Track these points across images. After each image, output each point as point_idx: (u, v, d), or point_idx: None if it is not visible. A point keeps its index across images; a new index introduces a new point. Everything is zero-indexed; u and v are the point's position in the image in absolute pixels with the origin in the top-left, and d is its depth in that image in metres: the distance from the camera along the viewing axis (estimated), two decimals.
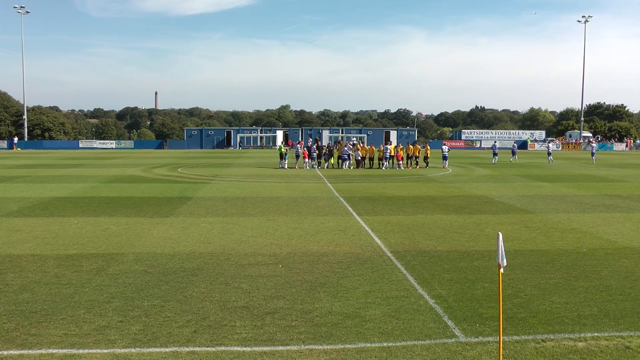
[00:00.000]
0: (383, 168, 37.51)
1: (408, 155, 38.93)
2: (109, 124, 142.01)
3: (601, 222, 16.33)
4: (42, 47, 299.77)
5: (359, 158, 38.01)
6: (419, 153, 40.15)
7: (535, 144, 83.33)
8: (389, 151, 38.03)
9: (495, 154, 45.72)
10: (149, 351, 6.79)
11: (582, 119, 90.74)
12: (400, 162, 37.94)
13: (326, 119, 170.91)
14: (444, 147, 42.44)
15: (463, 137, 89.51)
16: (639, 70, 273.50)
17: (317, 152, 39.40)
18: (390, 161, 38.06)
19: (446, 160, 40.28)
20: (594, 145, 57.24)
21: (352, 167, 37.62)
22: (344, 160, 37.96)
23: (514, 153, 49.70)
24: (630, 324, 7.81)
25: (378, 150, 39.38)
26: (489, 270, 10.56)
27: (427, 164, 40.02)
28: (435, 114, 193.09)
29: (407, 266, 10.94)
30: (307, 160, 38.65)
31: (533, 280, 10.02)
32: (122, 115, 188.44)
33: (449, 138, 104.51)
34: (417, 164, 39.41)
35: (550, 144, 59.07)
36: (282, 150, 39.29)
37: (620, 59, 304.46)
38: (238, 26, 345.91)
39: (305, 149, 39.76)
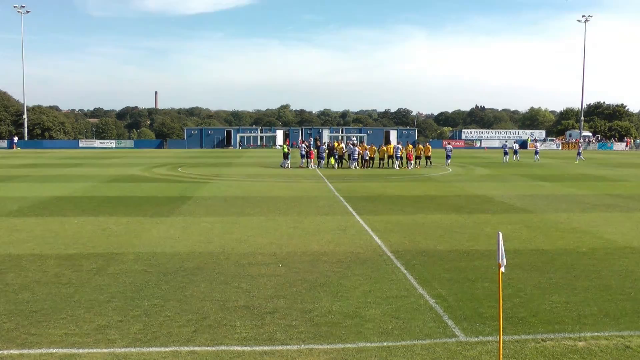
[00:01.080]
0: (396, 167, 37.38)
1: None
2: (109, 124, 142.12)
3: (601, 221, 16.33)
4: (42, 47, 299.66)
5: (367, 158, 38.01)
6: (421, 153, 40.29)
7: (535, 143, 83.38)
8: (399, 150, 38.02)
9: (506, 153, 46.42)
10: (149, 351, 6.79)
11: (582, 118, 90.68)
12: (411, 161, 38.01)
13: (326, 118, 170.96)
14: (448, 146, 42.68)
15: (463, 136, 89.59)
16: (639, 70, 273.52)
17: (327, 151, 39.16)
18: (401, 161, 38.07)
19: (449, 159, 41.09)
20: (581, 144, 57.52)
21: (357, 167, 37.58)
22: (353, 159, 37.91)
23: (516, 152, 50.05)
24: (630, 324, 7.81)
25: (379, 150, 39.41)
26: (489, 270, 10.56)
27: (429, 162, 40.11)
28: (435, 113, 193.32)
29: (407, 266, 10.94)
30: (311, 160, 38.57)
31: (533, 279, 10.02)
32: (122, 114, 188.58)
33: (449, 138, 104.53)
34: (418, 163, 39.73)
35: (537, 143, 60.11)
36: (286, 149, 39.24)
37: (620, 59, 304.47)
38: (238, 26, 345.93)
39: (311, 148, 39.68)
